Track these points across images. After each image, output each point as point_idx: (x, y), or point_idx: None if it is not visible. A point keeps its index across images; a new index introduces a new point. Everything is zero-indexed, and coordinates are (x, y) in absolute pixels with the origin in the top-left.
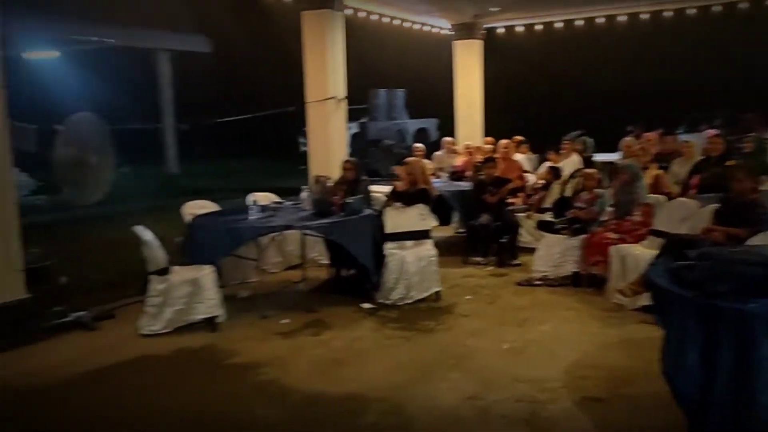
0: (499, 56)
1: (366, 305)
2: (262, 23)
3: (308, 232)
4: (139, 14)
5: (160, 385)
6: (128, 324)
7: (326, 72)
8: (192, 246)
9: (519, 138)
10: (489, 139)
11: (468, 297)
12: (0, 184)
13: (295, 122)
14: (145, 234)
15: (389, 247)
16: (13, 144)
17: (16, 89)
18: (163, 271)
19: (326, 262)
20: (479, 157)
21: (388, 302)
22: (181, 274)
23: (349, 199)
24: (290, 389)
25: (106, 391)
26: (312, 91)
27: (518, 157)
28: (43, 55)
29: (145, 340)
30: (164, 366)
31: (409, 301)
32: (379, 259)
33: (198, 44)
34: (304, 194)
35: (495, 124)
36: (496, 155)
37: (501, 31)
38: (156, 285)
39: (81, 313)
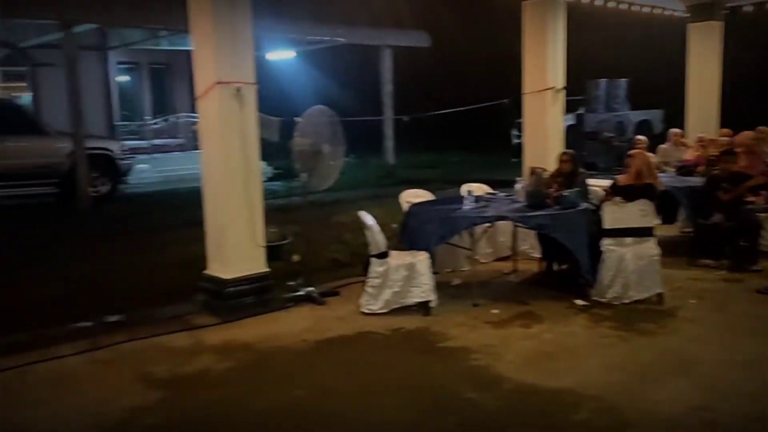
0: (743, 38)
1: (579, 301)
2: (479, 16)
3: (521, 224)
4: (365, 13)
5: (379, 359)
6: (351, 301)
7: (546, 62)
8: (408, 232)
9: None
10: (725, 131)
11: (693, 301)
12: (250, 170)
13: (508, 115)
14: (368, 219)
15: (607, 243)
16: (260, 134)
17: (262, 86)
18: (383, 255)
19: (537, 255)
20: (713, 151)
21: (603, 300)
22: (398, 258)
23: (565, 192)
24: (501, 377)
25: (337, 358)
26: (530, 81)
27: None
28: (281, 56)
29: (365, 318)
30: (382, 343)
31: (626, 301)
32: (595, 254)
33: (419, 40)
34: (518, 186)
35: (732, 115)
36: (737, 149)
37: (748, 9)
38: (376, 267)
39: (311, 288)
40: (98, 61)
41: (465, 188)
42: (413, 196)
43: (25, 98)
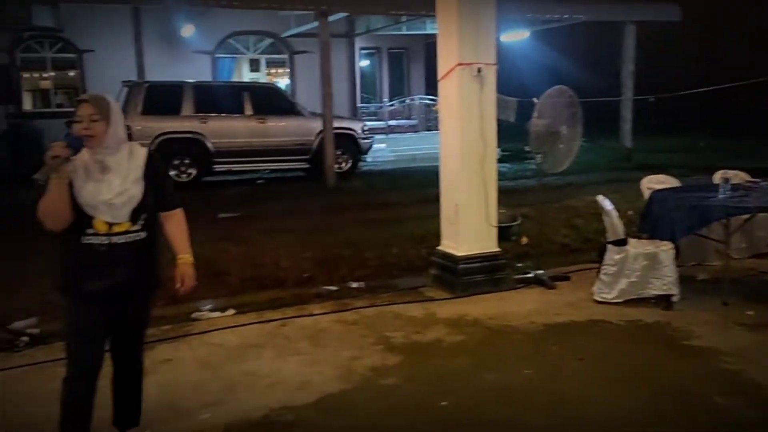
0: None
1: None
2: None
3: None
4: None
5: (613, 349)
6: (582, 288)
7: None
8: (651, 220)
9: None
10: None
11: None
12: (487, 150)
13: None
14: (607, 204)
15: None
16: (497, 115)
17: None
18: (621, 242)
19: None
20: None
21: None
22: (638, 246)
23: None
24: (758, 385)
25: (567, 343)
26: None
27: None
28: (515, 36)
29: (597, 306)
30: (616, 333)
31: None
32: None
33: (669, 13)
34: None
35: None
36: None
37: None
38: (613, 254)
39: (540, 271)
40: (346, 47)
41: (719, 175)
42: (656, 182)
43: (284, 83)
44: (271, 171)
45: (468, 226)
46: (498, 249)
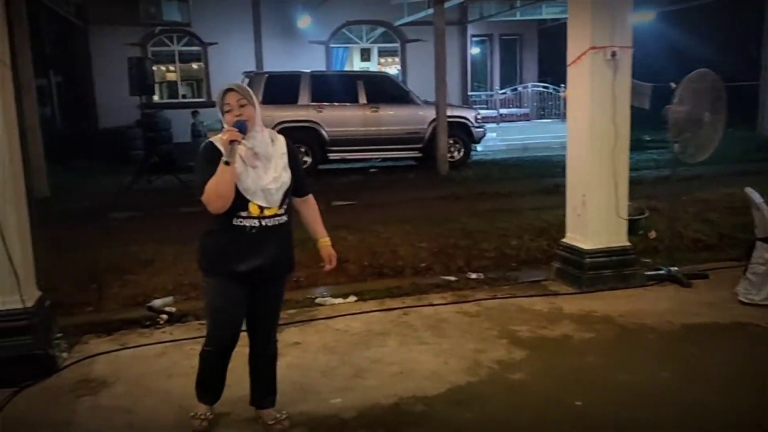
0: None
1: None
2: None
3: None
4: None
5: (758, 355)
6: (723, 287)
7: None
8: None
9: None
10: None
11: None
12: (619, 139)
13: None
14: (756, 197)
15: None
16: (631, 102)
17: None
18: None
19: None
20: None
21: None
22: None
23: None
24: None
25: (708, 346)
26: None
27: None
28: (641, 18)
29: (743, 307)
30: (764, 338)
31: None
32: None
33: None
34: None
35: None
36: None
37: None
38: (763, 252)
39: (674, 268)
40: (458, 34)
41: None
42: None
43: (394, 72)
44: (382, 159)
45: (596, 218)
46: (628, 243)
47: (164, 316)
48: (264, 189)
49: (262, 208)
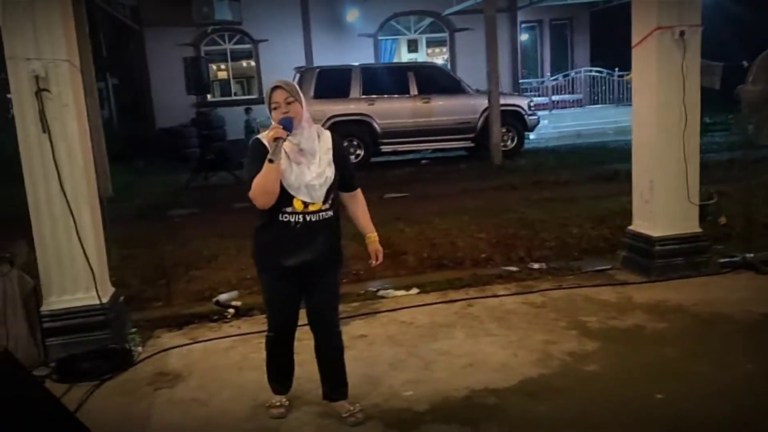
0: None
1: None
2: None
3: None
4: None
5: None
6: None
7: None
8: None
9: None
10: None
11: None
12: (689, 121)
13: None
14: None
15: None
16: (701, 83)
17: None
18: None
19: None
20: None
21: None
22: None
23: None
24: None
25: None
26: None
27: None
28: None
29: None
30: None
31: None
32: None
33: None
34: None
35: None
36: None
37: None
38: None
39: (749, 254)
40: (507, 22)
41: None
42: None
43: (441, 62)
44: (433, 151)
45: (665, 204)
46: (699, 230)
47: (231, 311)
48: (307, 185)
49: (306, 204)
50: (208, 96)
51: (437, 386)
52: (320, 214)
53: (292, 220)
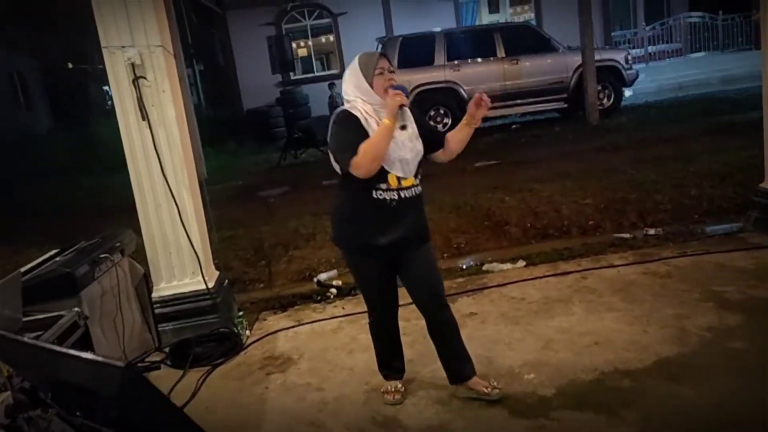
0: None
1: None
2: None
3: None
4: None
5: None
6: None
7: None
8: None
9: None
10: None
11: None
12: None
13: None
14: None
15: None
16: None
17: None
18: None
19: None
20: None
21: None
22: None
23: None
24: None
25: None
26: None
27: None
28: None
29: None
30: None
31: None
32: None
33: None
34: None
35: None
36: None
37: None
38: None
39: None
40: None
41: None
42: None
43: (528, 18)
44: (523, 114)
45: None
46: None
47: (333, 290)
48: (401, 159)
49: (399, 180)
50: (291, 74)
51: (562, 368)
52: (412, 189)
53: (388, 197)
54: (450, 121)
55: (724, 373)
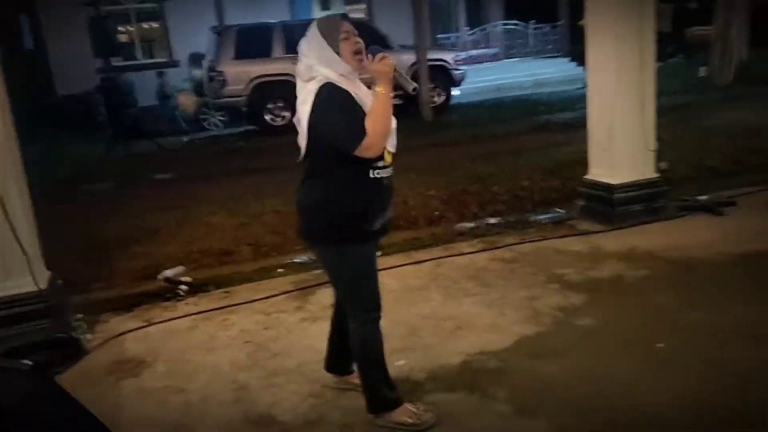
0: None
1: None
2: None
3: None
4: None
5: None
6: (757, 213)
7: None
8: None
9: None
10: None
11: None
12: (644, 65)
13: None
14: None
15: None
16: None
17: None
18: None
19: None
20: None
21: None
22: None
23: None
24: None
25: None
26: None
27: None
28: None
29: None
30: None
31: None
32: None
33: None
34: None
35: None
36: None
37: None
38: None
39: (701, 197)
40: None
41: None
42: None
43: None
44: None
45: (624, 151)
46: (657, 175)
47: (184, 287)
48: (393, 130)
49: (392, 155)
50: (113, 60)
51: (429, 353)
52: (392, 165)
53: (384, 175)
54: (288, 115)
55: (579, 348)
